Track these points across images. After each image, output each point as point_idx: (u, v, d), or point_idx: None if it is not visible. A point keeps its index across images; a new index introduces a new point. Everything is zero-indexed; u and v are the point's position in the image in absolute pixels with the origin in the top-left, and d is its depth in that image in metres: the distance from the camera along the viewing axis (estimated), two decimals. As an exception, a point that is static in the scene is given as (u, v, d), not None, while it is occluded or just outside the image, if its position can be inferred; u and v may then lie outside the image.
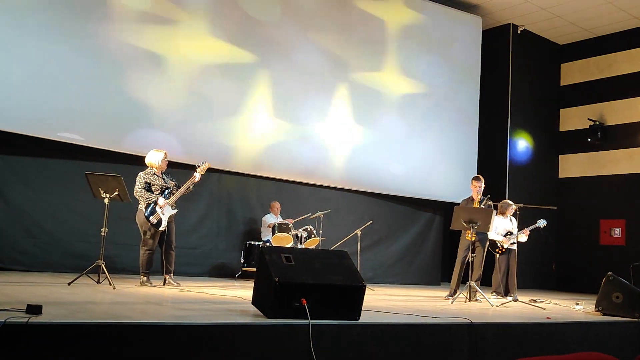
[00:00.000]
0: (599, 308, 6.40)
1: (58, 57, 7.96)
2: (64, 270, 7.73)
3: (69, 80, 8.04)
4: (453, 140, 11.66)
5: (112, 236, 7.28)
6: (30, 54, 7.78)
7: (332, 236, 9.63)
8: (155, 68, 8.72)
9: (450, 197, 10.91)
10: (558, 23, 12.47)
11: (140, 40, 8.58)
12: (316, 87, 10.18)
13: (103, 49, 8.30)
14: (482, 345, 4.58)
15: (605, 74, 12.79)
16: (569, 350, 4.95)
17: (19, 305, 3.54)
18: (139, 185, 6.90)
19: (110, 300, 4.98)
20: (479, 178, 7.98)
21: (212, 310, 4.56)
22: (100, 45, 8.27)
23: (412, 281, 11.44)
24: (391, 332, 4.22)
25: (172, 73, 8.86)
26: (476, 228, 7.17)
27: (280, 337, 3.75)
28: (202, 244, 9.49)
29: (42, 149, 8.06)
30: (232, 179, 9.77)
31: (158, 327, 3.44)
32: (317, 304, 4.02)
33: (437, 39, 11.64)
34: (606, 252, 12.13)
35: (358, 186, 10.82)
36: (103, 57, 8.28)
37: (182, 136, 8.90)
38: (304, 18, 10.16)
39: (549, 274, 12.87)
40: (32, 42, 7.78)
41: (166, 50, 8.80)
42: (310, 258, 4.39)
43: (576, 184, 13.04)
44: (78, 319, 3.48)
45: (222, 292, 6.50)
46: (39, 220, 8.09)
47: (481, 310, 6.22)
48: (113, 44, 8.37)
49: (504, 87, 12.62)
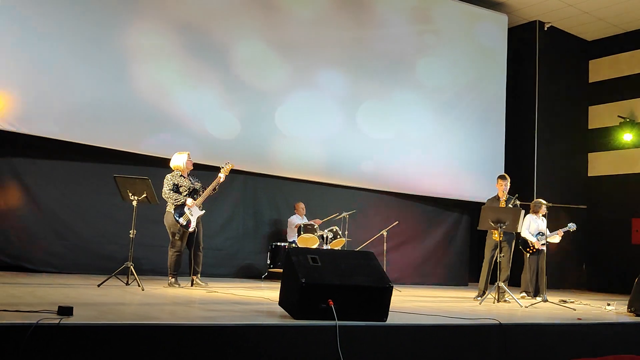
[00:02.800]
0: (632, 309, 6.27)
1: (81, 61, 8.09)
2: (93, 272, 7.83)
3: (93, 85, 8.16)
4: (480, 139, 11.55)
5: (140, 238, 7.38)
6: (55, 59, 7.92)
7: (358, 237, 9.61)
8: (180, 69, 8.82)
9: (478, 197, 10.78)
10: (585, 19, 12.26)
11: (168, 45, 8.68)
12: (341, 88, 10.17)
13: (132, 53, 8.41)
14: (511, 346, 4.52)
15: (635, 70, 12.53)
16: (601, 352, 4.86)
17: (51, 306, 3.60)
18: (167, 187, 6.96)
19: (139, 302, 5.03)
20: (504, 177, 7.89)
21: (239, 312, 4.58)
22: (127, 49, 8.39)
23: (439, 282, 11.36)
24: (419, 333, 4.19)
25: (199, 76, 8.95)
26: (504, 228, 7.09)
27: (307, 338, 3.74)
28: (229, 245, 9.54)
29: (71, 152, 8.18)
30: (257, 180, 9.81)
31: (186, 328, 3.46)
32: (343, 305, 4.01)
33: (463, 38, 11.54)
34: (638, 252, 11.88)
35: (384, 187, 10.77)
36: (133, 61, 8.41)
37: (207, 139, 8.97)
38: (332, 19, 10.17)
39: (579, 274, 12.66)
40: (60, 47, 7.92)
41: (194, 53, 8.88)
42: (336, 259, 4.37)
43: (606, 182, 12.80)
44: (108, 320, 3.52)
45: (249, 293, 6.52)
46: (68, 222, 8.22)
47: (510, 311, 6.15)
48: (140, 47, 8.48)
49: (531, 85, 12.47)
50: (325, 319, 3.90)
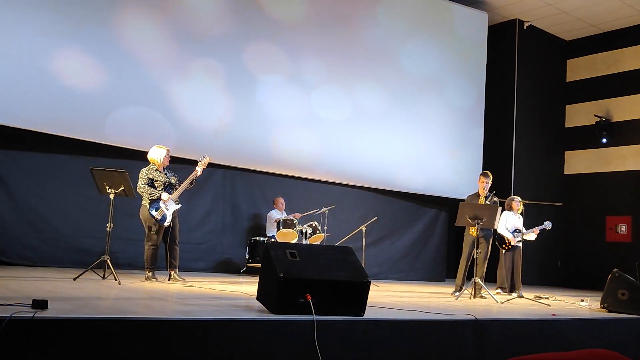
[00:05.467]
0: (605, 305, 6.38)
1: (58, 51, 7.98)
2: (69, 266, 7.75)
3: (68, 76, 8.03)
4: (458, 136, 11.63)
5: (118, 231, 7.32)
6: (31, 49, 7.80)
7: (337, 232, 9.63)
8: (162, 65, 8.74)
9: (455, 193, 10.88)
10: (564, 18, 12.40)
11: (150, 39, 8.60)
12: (321, 84, 10.16)
13: (110, 44, 8.32)
14: (486, 341, 4.57)
15: (612, 70, 12.73)
16: (574, 347, 4.93)
17: (25, 300, 3.56)
18: (142, 182, 6.90)
19: (115, 296, 4.99)
20: (487, 174, 7.95)
21: (217, 306, 4.57)
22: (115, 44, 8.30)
23: (417, 277, 11.44)
24: (396, 328, 4.22)
25: (178, 69, 8.88)
26: (481, 224, 7.15)
27: (284, 333, 3.75)
28: (207, 240, 9.50)
29: (47, 144, 8.07)
30: (236, 174, 9.77)
31: (163, 322, 3.44)
32: (321, 299, 4.02)
33: (443, 35, 11.60)
34: (612, 249, 12.09)
35: (363, 182, 10.81)
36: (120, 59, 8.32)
37: (185, 131, 8.90)
38: (314, 20, 10.14)
39: (554, 271, 12.84)
40: (36, 37, 7.80)
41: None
42: (315, 254, 4.38)
43: (582, 181, 12.99)
44: (83, 314, 3.49)
45: (227, 287, 6.51)
46: (44, 215, 8.12)
47: (486, 307, 6.22)
48: (120, 38, 8.39)
49: (509, 83, 12.58)
50: (303, 313, 3.91)
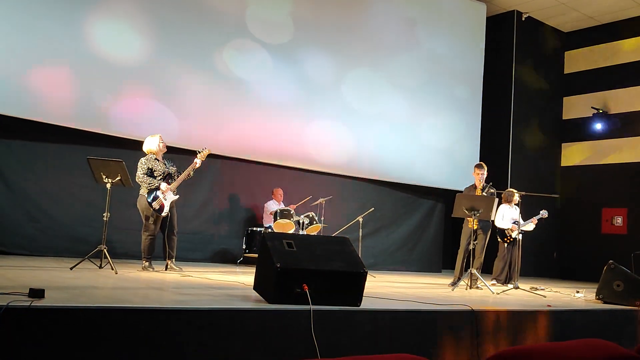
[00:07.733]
0: (600, 296, 6.41)
1: (51, 40, 7.94)
2: (66, 255, 7.75)
3: (62, 65, 8.00)
4: (456, 127, 11.63)
5: (115, 221, 7.32)
6: (26, 39, 7.76)
7: (334, 223, 9.64)
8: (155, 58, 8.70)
9: (452, 185, 10.90)
10: (563, 10, 12.38)
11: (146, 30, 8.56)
12: (318, 75, 10.13)
13: (102, 31, 8.28)
14: (482, 332, 4.59)
15: (610, 62, 12.72)
16: (569, 337, 4.94)
17: (22, 289, 3.55)
18: (141, 171, 6.89)
19: (112, 285, 4.99)
20: (481, 165, 7.95)
21: (213, 296, 4.57)
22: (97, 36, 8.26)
23: (414, 268, 11.48)
24: (392, 319, 4.23)
25: (177, 59, 8.85)
26: (478, 216, 7.15)
27: (281, 323, 3.75)
28: (204, 230, 9.51)
29: (44, 133, 8.05)
30: (234, 165, 9.76)
31: (159, 312, 3.44)
32: (318, 289, 4.03)
33: (441, 26, 11.57)
34: (608, 241, 12.13)
35: (360, 173, 10.81)
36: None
37: (185, 122, 8.88)
38: (308, 11, 10.10)
39: (550, 262, 12.88)
40: (32, 27, 7.76)
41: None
42: (312, 244, 4.38)
43: (579, 173, 13.02)
44: (80, 303, 3.49)
45: (224, 277, 6.52)
46: (41, 204, 8.11)
47: (482, 298, 6.24)
48: (111, 25, 8.35)
49: (507, 74, 12.57)
50: (299, 303, 3.92)
